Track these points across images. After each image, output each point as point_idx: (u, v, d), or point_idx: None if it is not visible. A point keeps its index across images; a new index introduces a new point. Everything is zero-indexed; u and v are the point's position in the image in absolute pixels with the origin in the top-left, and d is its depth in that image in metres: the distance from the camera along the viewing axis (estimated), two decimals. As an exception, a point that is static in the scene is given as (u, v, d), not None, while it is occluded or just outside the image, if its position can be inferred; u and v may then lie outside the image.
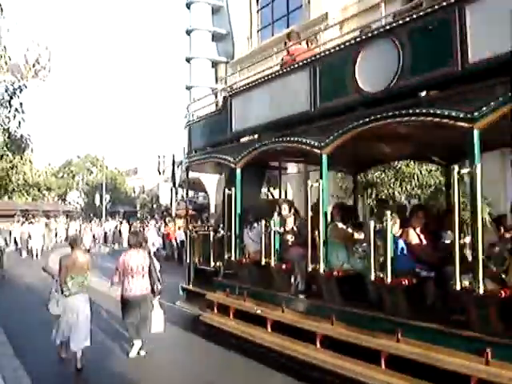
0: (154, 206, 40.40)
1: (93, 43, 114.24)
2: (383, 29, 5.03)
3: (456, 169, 4.25)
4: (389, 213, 4.85)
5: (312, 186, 5.80)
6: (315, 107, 5.80)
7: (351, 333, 5.17)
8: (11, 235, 23.40)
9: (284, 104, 6.32)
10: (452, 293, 4.29)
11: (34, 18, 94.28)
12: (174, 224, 20.47)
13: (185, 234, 10.00)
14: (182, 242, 15.06)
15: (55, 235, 28.97)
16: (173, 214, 21.93)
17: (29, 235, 22.35)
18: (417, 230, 5.38)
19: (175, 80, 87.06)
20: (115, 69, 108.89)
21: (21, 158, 24.12)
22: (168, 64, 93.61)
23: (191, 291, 8.68)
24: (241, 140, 7.44)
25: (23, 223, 25.90)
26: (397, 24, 4.86)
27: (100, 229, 29.73)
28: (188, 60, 39.01)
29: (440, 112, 4.37)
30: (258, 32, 20.71)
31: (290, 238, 6.52)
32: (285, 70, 6.44)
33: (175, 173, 14.04)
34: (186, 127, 9.03)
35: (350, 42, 5.38)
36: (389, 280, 4.78)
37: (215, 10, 39.38)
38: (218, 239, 8.07)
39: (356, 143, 5.70)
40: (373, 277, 4.98)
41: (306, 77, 5.89)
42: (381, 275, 4.87)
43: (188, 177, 9.80)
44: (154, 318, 6.85)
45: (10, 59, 17.07)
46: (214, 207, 22.85)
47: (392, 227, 4.94)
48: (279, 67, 6.84)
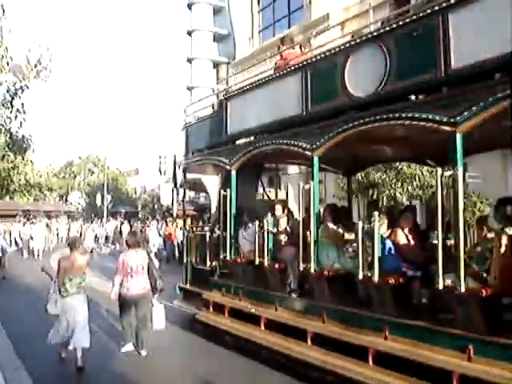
0: (156, 207, 40.46)
1: (94, 44, 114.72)
2: (371, 35, 5.16)
3: (439, 171, 4.40)
4: (376, 213, 4.99)
5: (303, 188, 5.93)
6: (307, 110, 5.94)
7: (341, 330, 5.30)
8: (11, 235, 23.43)
9: (277, 107, 6.46)
10: (436, 292, 4.43)
11: (37, 20, 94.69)
12: (176, 225, 20.52)
13: (182, 235, 10.13)
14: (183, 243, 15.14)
15: (57, 235, 29.07)
16: (174, 215, 21.99)
17: (30, 236, 22.46)
18: (405, 231, 5.49)
19: (177, 81, 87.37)
20: (117, 69, 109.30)
21: (22, 159, 24.33)
22: (169, 65, 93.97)
23: (188, 290, 8.81)
24: (236, 142, 7.58)
25: (25, 223, 25.98)
26: (384, 30, 5.01)
27: (102, 229, 29.86)
28: (189, 61, 39.17)
29: (425, 116, 4.51)
30: (260, 32, 20.78)
31: (283, 238, 6.62)
32: (278, 74, 6.59)
33: (176, 173, 14.12)
34: (184, 129, 9.17)
35: (340, 48, 5.52)
36: (376, 279, 4.91)
37: (216, 11, 39.51)
38: (214, 239, 8.20)
39: (347, 145, 5.85)
40: (361, 276, 5.11)
41: (298, 81, 6.04)
42: (369, 274, 5.01)
43: (186, 178, 9.93)
44: (155, 315, 6.88)
45: (12, 60, 17.18)
46: (215, 208, 22.87)
47: (380, 227, 5.08)
48: (273, 71, 6.99)
